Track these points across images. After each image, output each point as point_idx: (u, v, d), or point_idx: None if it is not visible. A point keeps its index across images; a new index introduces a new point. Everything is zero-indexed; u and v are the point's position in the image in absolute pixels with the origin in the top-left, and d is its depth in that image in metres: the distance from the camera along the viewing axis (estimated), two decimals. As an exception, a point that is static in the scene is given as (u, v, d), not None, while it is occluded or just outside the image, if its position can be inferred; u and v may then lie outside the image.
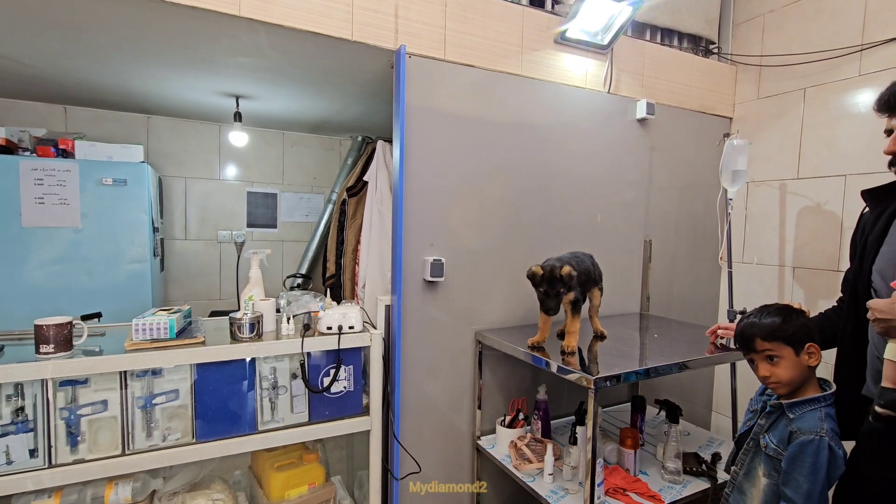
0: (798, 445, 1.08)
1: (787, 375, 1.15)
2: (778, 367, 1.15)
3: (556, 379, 1.95)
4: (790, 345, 1.14)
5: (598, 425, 1.34)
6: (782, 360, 1.15)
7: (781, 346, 1.15)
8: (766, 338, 1.16)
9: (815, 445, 1.06)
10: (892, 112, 1.12)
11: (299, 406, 1.61)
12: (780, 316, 1.16)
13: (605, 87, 2.15)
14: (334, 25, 1.60)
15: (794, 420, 1.12)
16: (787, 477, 1.09)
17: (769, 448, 1.16)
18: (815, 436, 1.07)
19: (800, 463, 1.07)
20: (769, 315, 1.18)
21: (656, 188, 2.35)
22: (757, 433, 1.23)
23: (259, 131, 3.46)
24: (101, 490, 1.39)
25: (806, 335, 1.14)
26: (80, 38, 1.76)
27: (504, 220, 1.95)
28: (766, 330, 1.16)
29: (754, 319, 1.19)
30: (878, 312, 1.05)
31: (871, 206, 1.26)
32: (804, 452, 1.07)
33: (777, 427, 1.17)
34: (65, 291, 2.44)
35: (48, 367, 1.26)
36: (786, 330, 1.14)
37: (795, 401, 1.15)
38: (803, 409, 1.13)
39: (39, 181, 2.34)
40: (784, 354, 1.14)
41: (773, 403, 1.20)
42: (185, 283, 3.33)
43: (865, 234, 1.23)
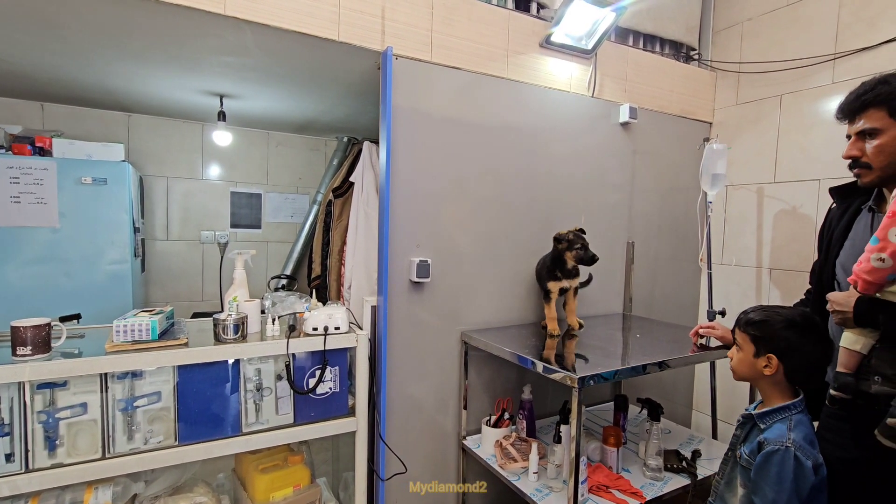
0: (763, 456, 1.07)
1: (737, 366, 1.20)
2: (737, 355, 1.21)
3: (540, 379, 1.98)
4: (754, 343, 1.16)
5: (581, 424, 1.36)
6: (741, 353, 1.20)
7: (746, 340, 1.18)
8: (738, 326, 1.22)
9: (779, 456, 1.05)
10: (849, 118, 1.17)
11: (284, 408, 1.60)
12: (765, 318, 1.16)
13: (590, 91, 2.18)
14: (321, 26, 1.60)
15: (764, 430, 1.12)
16: (755, 486, 1.09)
17: (742, 458, 1.15)
18: (781, 446, 1.05)
19: (765, 473, 1.06)
20: (757, 311, 1.19)
21: (639, 191, 2.39)
22: (734, 444, 1.24)
23: (243, 131, 3.42)
24: (80, 495, 1.36)
25: (773, 345, 1.13)
26: (61, 34, 1.73)
27: (489, 221, 1.97)
28: (742, 320, 1.21)
29: (747, 310, 1.22)
30: (836, 304, 1.12)
31: (837, 202, 1.32)
32: (769, 462, 1.06)
33: (750, 437, 1.18)
34: (42, 292, 2.38)
35: (25, 369, 1.24)
36: (757, 329, 1.16)
37: (765, 410, 1.15)
38: (773, 419, 1.12)
39: (15, 179, 2.29)
40: (745, 349, 1.18)
41: (745, 414, 1.21)
42: (167, 284, 3.28)
43: (832, 229, 1.29)
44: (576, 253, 1.82)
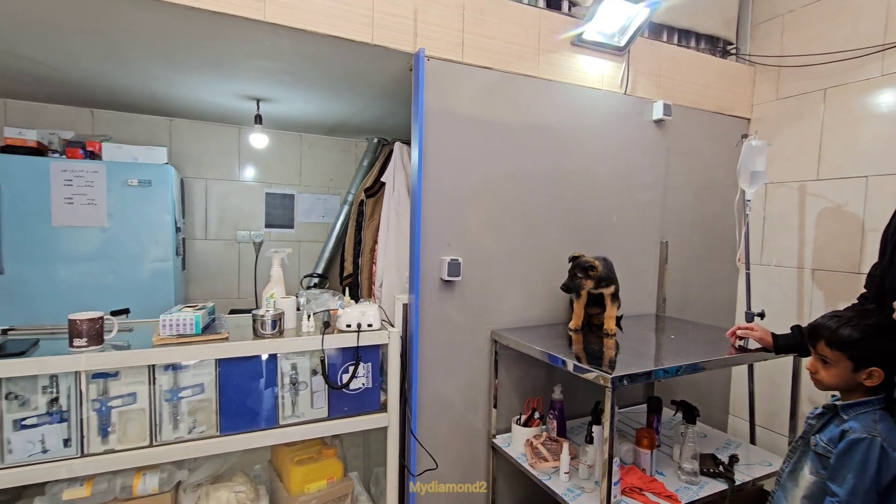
0: (848, 443, 1.10)
1: (832, 381, 1.18)
2: (826, 370, 1.18)
3: (571, 379, 1.97)
4: (852, 361, 1.14)
5: (615, 425, 1.35)
6: (833, 368, 1.17)
7: (842, 358, 1.15)
8: (830, 344, 1.17)
9: (865, 444, 1.08)
10: None
11: (319, 402, 1.64)
12: (861, 334, 1.13)
13: (622, 89, 2.15)
14: (354, 29, 1.64)
15: (847, 420, 1.14)
16: (835, 472, 1.11)
17: (819, 446, 1.17)
18: (868, 435, 1.08)
19: (849, 459, 1.09)
20: (850, 327, 1.14)
21: (672, 189, 2.34)
22: (807, 432, 1.24)
23: (278, 133, 3.52)
24: (129, 480, 1.44)
25: (877, 358, 1.13)
26: (109, 43, 1.82)
27: (519, 220, 1.97)
28: (834, 339, 1.16)
29: (831, 324, 1.17)
30: None
31: None
32: (854, 449, 1.08)
33: (828, 427, 1.19)
34: (92, 289, 2.51)
35: (81, 359, 1.31)
36: (856, 348, 1.13)
37: (850, 402, 1.17)
38: (857, 411, 1.15)
39: (69, 182, 2.43)
40: (839, 366, 1.16)
41: (826, 405, 1.22)
42: (205, 281, 3.40)
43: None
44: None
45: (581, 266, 1.76)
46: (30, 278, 2.40)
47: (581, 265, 1.76)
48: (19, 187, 2.36)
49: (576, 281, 1.77)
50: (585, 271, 1.75)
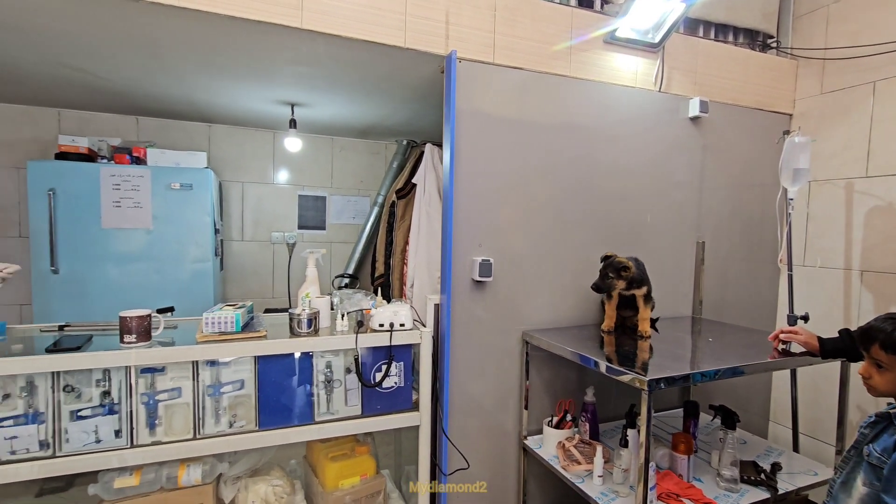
0: None
1: (887, 387, 1.13)
2: (881, 376, 1.13)
3: (603, 381, 1.95)
4: None
5: (651, 429, 1.33)
6: (889, 373, 1.12)
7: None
8: (885, 348, 1.12)
9: None
10: None
11: (353, 399, 1.67)
12: None
13: (656, 86, 2.11)
14: (388, 34, 1.66)
15: None
16: (889, 484, 1.06)
17: (872, 456, 1.13)
18: None
19: None
20: None
21: (709, 188, 2.28)
22: (860, 442, 1.19)
23: (310, 137, 3.60)
24: (174, 471, 1.50)
25: None
26: (155, 53, 1.91)
27: (551, 220, 1.95)
28: (890, 342, 1.11)
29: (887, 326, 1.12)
30: None
31: None
32: None
33: (882, 436, 1.14)
34: (137, 287, 2.63)
35: (132, 355, 1.38)
36: None
37: None
38: None
39: (117, 186, 2.55)
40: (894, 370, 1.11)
41: (879, 413, 1.17)
42: (242, 281, 3.51)
43: None
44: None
45: (613, 266, 1.73)
46: (82, 277, 2.53)
47: (613, 265, 1.73)
48: (72, 191, 2.50)
49: (607, 281, 1.74)
50: (618, 271, 1.73)
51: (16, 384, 1.32)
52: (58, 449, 1.35)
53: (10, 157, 2.88)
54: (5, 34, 1.74)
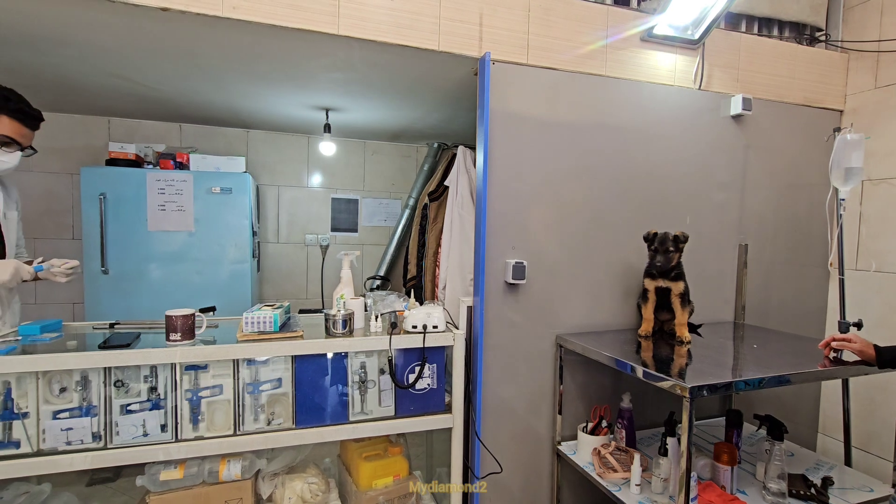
0: None
1: None
2: None
3: (640, 388, 1.90)
4: None
5: (692, 437, 1.28)
6: None
7: None
8: None
9: None
10: None
11: (386, 400, 1.68)
12: None
13: (696, 84, 2.05)
14: (422, 37, 1.68)
15: None
16: None
17: None
18: None
19: None
20: None
21: (752, 189, 2.19)
22: None
23: (343, 141, 3.67)
24: (216, 465, 1.55)
25: None
26: (197, 62, 1.99)
27: (586, 223, 1.92)
28: None
29: None
30: None
31: None
32: None
33: None
34: (180, 288, 2.74)
35: (177, 352, 1.44)
36: None
37: None
38: None
39: (162, 190, 2.67)
40: None
41: None
42: (277, 282, 3.61)
43: None
44: (650, 254, 1.77)
45: (666, 238, 1.71)
46: (129, 277, 2.66)
47: (666, 237, 1.71)
48: (121, 196, 2.63)
49: (669, 255, 1.70)
50: (675, 242, 1.70)
51: (71, 378, 1.39)
52: (109, 441, 1.42)
53: (65, 164, 3.06)
54: (61, 48, 1.84)
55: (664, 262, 1.71)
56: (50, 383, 1.37)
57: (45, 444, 1.36)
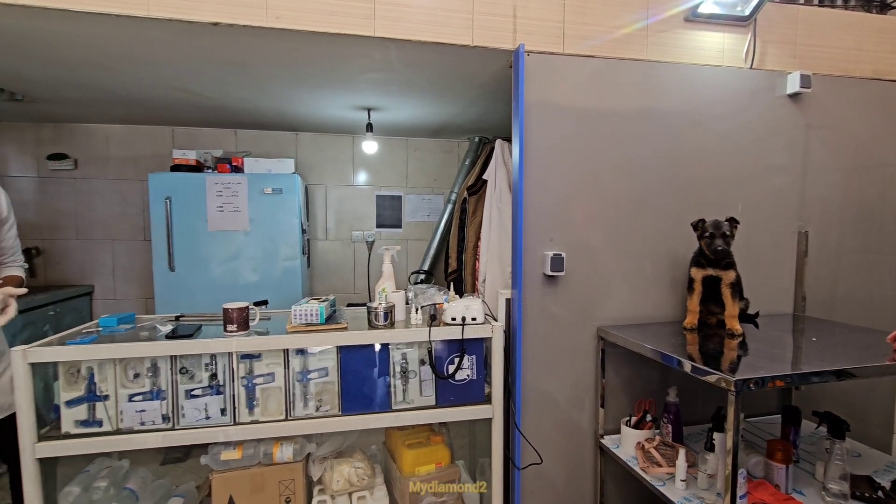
0: None
1: None
2: None
3: (687, 381, 1.83)
4: None
5: (739, 433, 1.23)
6: None
7: None
8: None
9: None
10: None
11: (427, 390, 1.73)
12: None
13: (747, 63, 1.94)
14: (456, 34, 1.69)
15: None
16: None
17: None
18: None
19: None
20: None
21: (814, 172, 2.05)
22: None
23: (385, 139, 3.76)
24: (270, 448, 1.67)
25: None
26: (249, 72, 2.11)
27: (626, 213, 1.88)
28: None
29: None
30: None
31: None
32: None
33: None
34: (236, 283, 2.93)
35: (233, 342, 1.55)
36: None
37: None
38: None
39: (219, 193, 2.86)
40: None
41: None
42: (326, 277, 3.76)
43: None
44: (704, 241, 1.70)
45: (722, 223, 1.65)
46: (192, 274, 2.87)
47: (719, 223, 1.66)
48: (185, 199, 2.84)
49: (727, 240, 1.65)
50: (730, 224, 1.66)
51: (143, 365, 1.54)
52: (176, 422, 1.56)
53: (136, 171, 3.34)
54: (128, 66, 2.02)
55: (725, 245, 1.65)
56: (126, 369, 1.52)
57: (123, 423, 1.52)
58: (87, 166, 3.31)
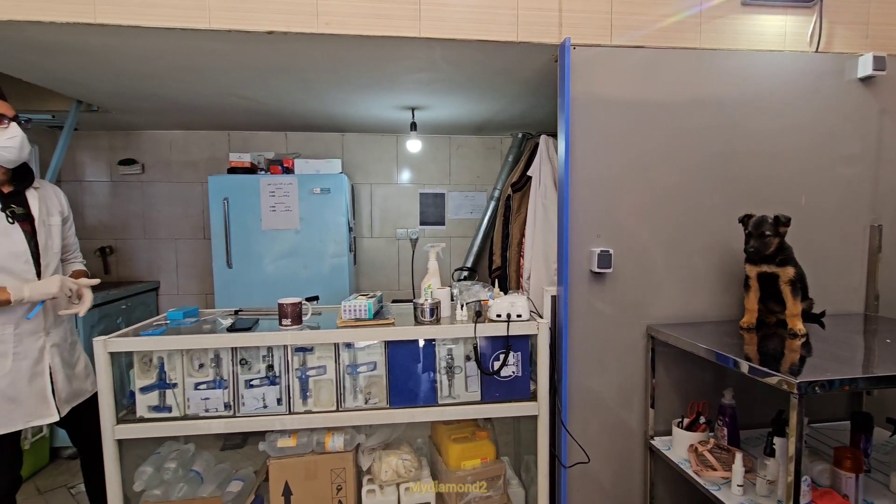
0: None
1: None
2: None
3: (744, 383, 1.76)
4: None
5: (803, 438, 1.17)
6: None
7: None
8: None
9: None
10: None
11: (472, 386, 1.75)
12: None
13: (812, 47, 1.82)
14: (500, 30, 1.69)
15: None
16: None
17: None
18: None
19: None
20: None
21: (888, 161, 1.90)
22: None
23: (429, 138, 3.80)
24: (322, 437, 1.74)
25: None
26: (299, 77, 2.20)
27: (677, 207, 1.81)
28: None
29: None
30: None
31: None
32: None
33: None
34: (288, 280, 3.06)
35: (287, 335, 1.63)
36: None
37: None
38: None
39: (272, 193, 2.99)
40: None
41: None
42: (372, 274, 3.86)
43: None
44: (745, 238, 1.62)
45: (766, 221, 1.56)
46: (249, 271, 3.03)
47: (765, 219, 1.56)
48: (240, 200, 3.00)
49: (764, 240, 1.56)
50: (774, 226, 1.56)
51: (207, 356, 1.64)
52: (237, 410, 1.65)
53: (196, 174, 3.55)
54: (190, 75, 2.15)
55: (758, 246, 1.57)
56: (192, 360, 1.64)
57: (189, 410, 1.63)
58: (152, 170, 3.55)
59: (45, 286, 1.53)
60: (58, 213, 1.70)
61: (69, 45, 1.75)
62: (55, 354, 1.62)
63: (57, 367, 1.62)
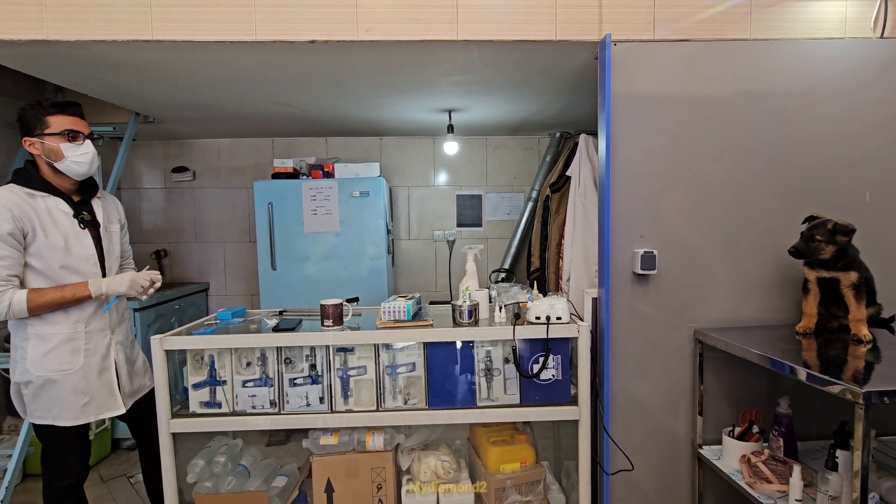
0: None
1: None
2: None
3: (802, 391, 1.66)
4: None
5: (870, 452, 1.09)
6: None
7: None
8: None
9: None
10: None
11: (511, 388, 1.74)
12: None
13: (876, 32, 1.70)
14: (538, 29, 1.68)
15: None
16: None
17: None
18: None
19: None
20: None
21: (967, 153, 1.75)
22: None
23: (465, 139, 3.80)
24: (363, 436, 1.77)
25: None
26: (339, 83, 2.25)
27: (728, 205, 1.73)
28: None
29: None
30: None
31: None
32: None
33: None
34: (328, 282, 3.14)
35: (329, 336, 1.67)
36: None
37: None
38: None
39: (313, 197, 3.08)
40: None
41: None
42: (409, 276, 3.90)
43: None
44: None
45: (823, 226, 1.47)
46: (292, 272, 3.13)
47: (823, 225, 1.48)
48: (284, 204, 3.10)
49: (811, 244, 1.48)
50: (831, 233, 1.46)
51: (254, 355, 1.71)
52: (282, 408, 1.71)
53: (242, 180, 3.70)
54: (236, 85, 2.25)
55: (800, 248, 1.50)
56: (240, 358, 1.70)
57: (238, 406, 1.70)
58: (202, 177, 3.73)
59: (119, 282, 1.65)
60: (117, 221, 1.81)
61: (128, 61, 1.87)
62: (119, 351, 1.73)
63: (121, 362, 1.73)
